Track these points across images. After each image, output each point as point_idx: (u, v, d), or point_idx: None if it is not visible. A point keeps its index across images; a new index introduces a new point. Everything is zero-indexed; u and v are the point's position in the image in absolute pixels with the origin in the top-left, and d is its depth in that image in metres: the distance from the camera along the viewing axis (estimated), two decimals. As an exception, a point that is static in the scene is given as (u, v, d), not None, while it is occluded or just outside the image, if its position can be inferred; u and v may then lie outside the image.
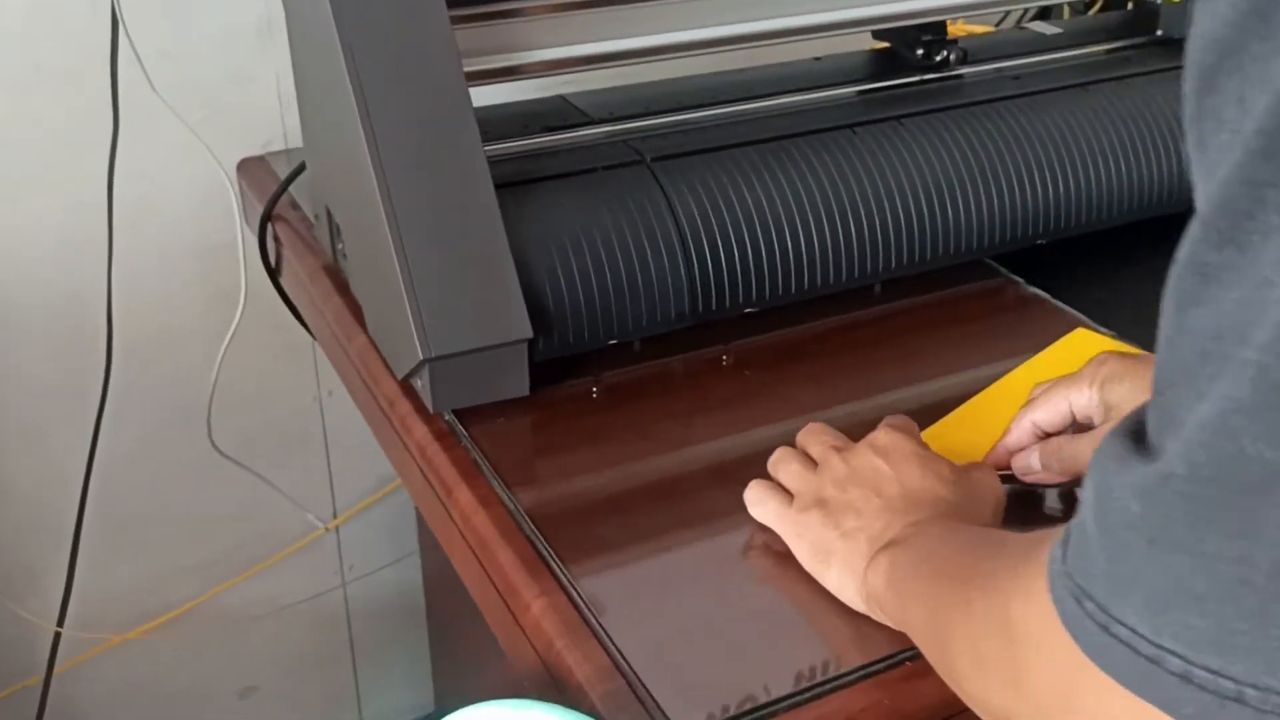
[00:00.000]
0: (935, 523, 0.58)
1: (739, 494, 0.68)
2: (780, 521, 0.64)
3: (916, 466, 0.62)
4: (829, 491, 0.63)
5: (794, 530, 0.63)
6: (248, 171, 1.13)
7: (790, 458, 0.67)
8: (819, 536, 0.61)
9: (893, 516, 0.59)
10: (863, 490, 0.62)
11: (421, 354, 0.71)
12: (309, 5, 0.76)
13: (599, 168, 0.81)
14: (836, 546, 0.60)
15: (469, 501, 0.69)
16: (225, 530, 1.29)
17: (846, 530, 0.60)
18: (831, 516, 0.61)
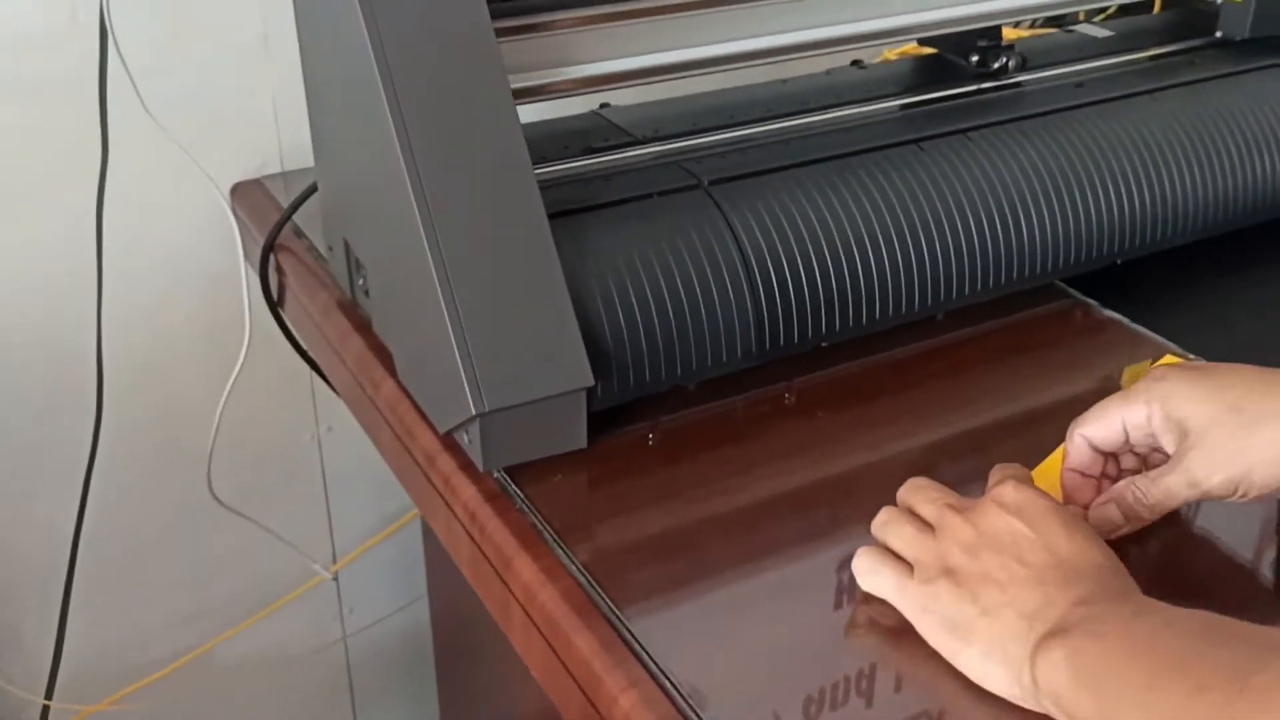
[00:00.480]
0: (1120, 602, 0.50)
1: (837, 556, 0.61)
2: (900, 595, 0.57)
3: (1060, 527, 0.55)
4: (957, 559, 0.55)
5: (918, 604, 0.56)
6: (243, 196, 1.04)
7: (901, 520, 0.59)
8: (952, 611, 0.54)
9: (1049, 591, 0.52)
10: (1000, 558, 0.54)
11: (474, 408, 0.63)
12: (332, 16, 0.68)
13: (653, 193, 0.73)
14: (978, 625, 0.53)
15: (533, 575, 0.62)
16: (222, 580, 1.20)
17: (988, 606, 0.53)
18: (965, 588, 0.54)
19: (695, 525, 0.66)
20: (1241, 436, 0.57)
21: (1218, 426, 0.57)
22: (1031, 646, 0.50)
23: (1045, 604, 0.51)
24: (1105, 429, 0.62)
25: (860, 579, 0.59)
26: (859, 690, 0.55)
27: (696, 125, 0.83)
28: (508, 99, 0.66)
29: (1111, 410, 0.61)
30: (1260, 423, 0.57)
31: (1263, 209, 0.89)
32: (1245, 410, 0.57)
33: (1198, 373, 0.60)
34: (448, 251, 0.63)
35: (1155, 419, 0.60)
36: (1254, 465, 0.57)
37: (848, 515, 0.65)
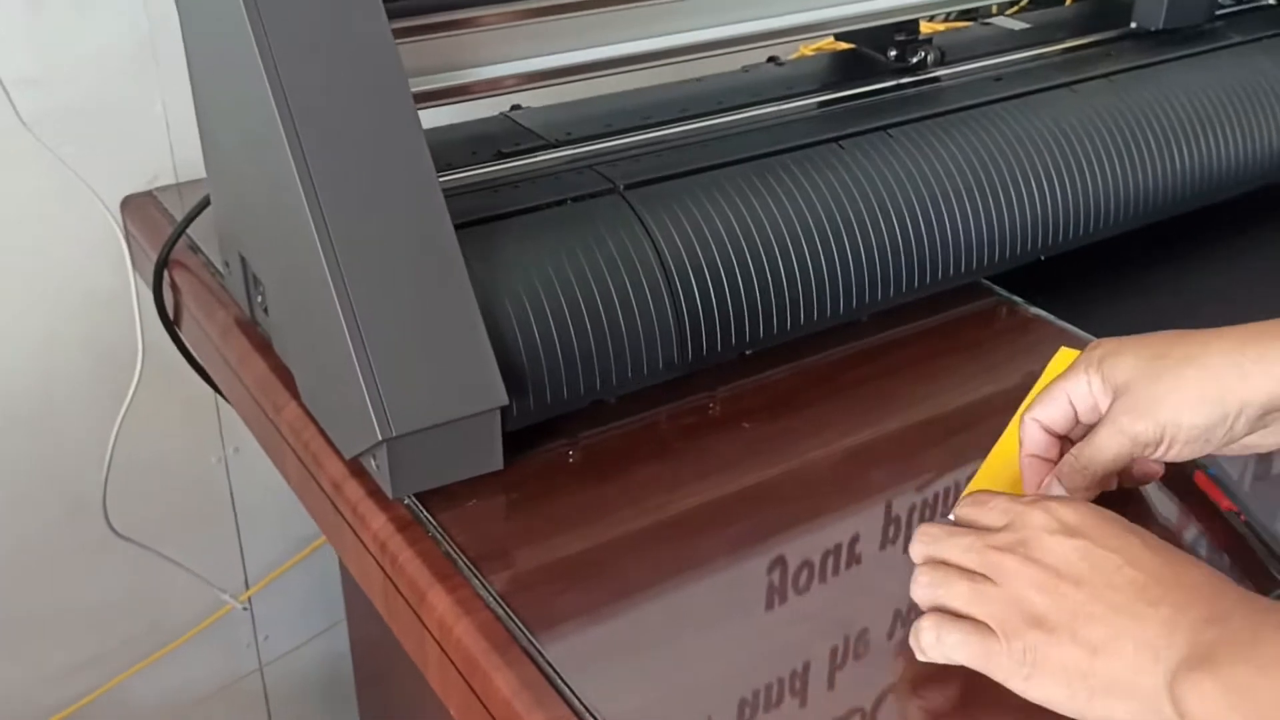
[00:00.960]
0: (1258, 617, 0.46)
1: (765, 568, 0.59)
2: (991, 660, 0.50)
3: (1133, 536, 0.50)
4: (1038, 603, 0.50)
5: (1017, 669, 0.50)
6: (135, 211, 0.99)
7: (951, 576, 0.52)
8: (1061, 662, 0.48)
9: (1161, 612, 0.47)
10: (1086, 588, 0.49)
11: (380, 433, 0.59)
12: (216, 18, 0.64)
13: (567, 199, 0.70)
14: (1096, 668, 0.48)
15: (448, 608, 0.58)
16: (125, 615, 1.14)
17: (1097, 644, 0.48)
18: (1063, 632, 0.49)
19: (618, 546, 0.62)
20: (1165, 381, 0.57)
21: (1143, 375, 0.57)
22: (1167, 678, 0.46)
23: (1165, 628, 0.47)
24: (1055, 410, 0.61)
25: (930, 652, 0.52)
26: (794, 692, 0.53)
27: (610, 127, 0.80)
28: (408, 104, 0.62)
29: (1057, 390, 0.61)
30: (1182, 365, 0.57)
31: (1181, 200, 0.89)
32: (1169, 356, 0.57)
33: (1127, 338, 0.60)
34: (347, 267, 0.59)
35: (1095, 385, 0.59)
36: (1179, 408, 0.56)
37: (774, 526, 0.63)
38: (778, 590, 0.60)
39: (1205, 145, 0.89)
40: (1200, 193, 0.90)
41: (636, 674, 0.55)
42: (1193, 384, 0.56)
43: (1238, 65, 0.94)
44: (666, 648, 0.56)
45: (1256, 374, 0.55)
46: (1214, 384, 0.56)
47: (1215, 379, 0.56)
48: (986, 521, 0.54)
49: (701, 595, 0.60)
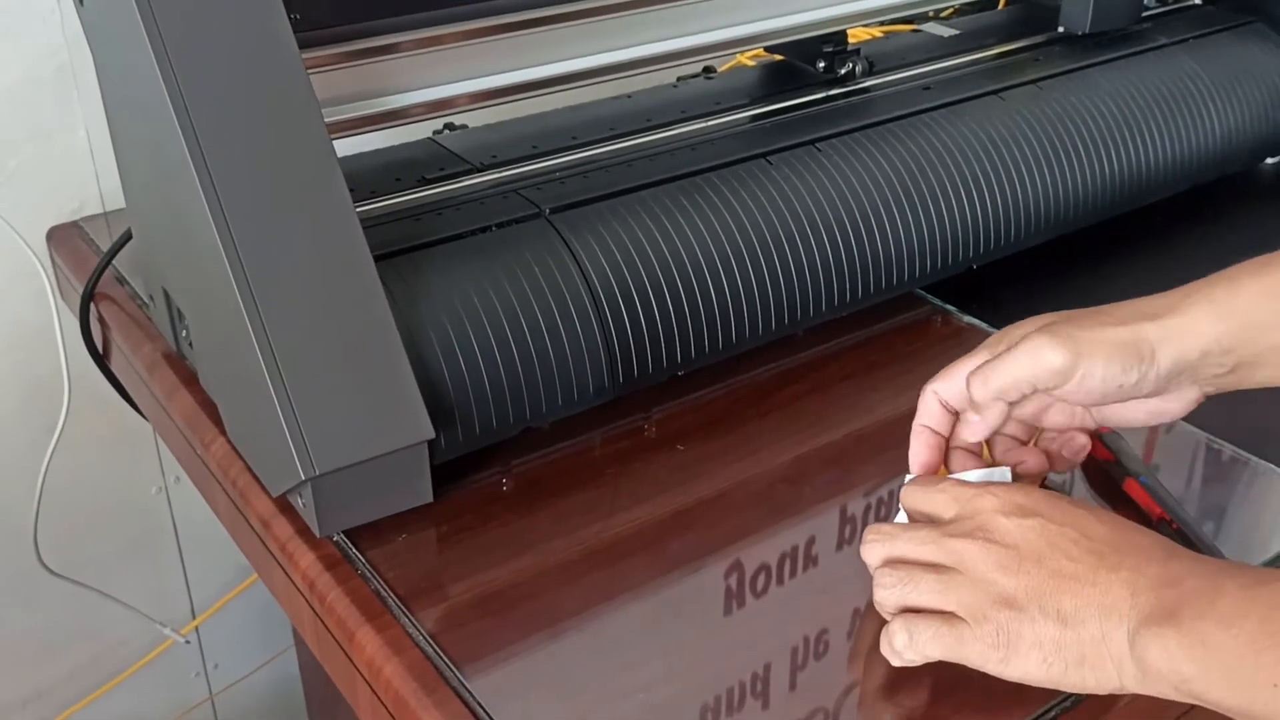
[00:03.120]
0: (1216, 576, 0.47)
1: (699, 591, 0.59)
2: (965, 647, 0.51)
3: (1081, 509, 0.52)
4: (1004, 584, 0.51)
5: (993, 652, 0.50)
6: (61, 242, 0.97)
7: (914, 573, 0.53)
8: (1035, 637, 0.49)
9: (1121, 575, 0.49)
10: (1047, 563, 0.50)
11: (303, 472, 0.58)
12: (124, 50, 0.63)
13: (491, 225, 0.69)
14: (1066, 639, 0.49)
15: (377, 649, 0.57)
16: (62, 653, 1.12)
17: (1065, 614, 0.49)
18: (1031, 608, 0.50)
19: (550, 576, 0.62)
20: (1082, 321, 0.57)
21: (1049, 326, 0.58)
22: (1130, 637, 0.47)
23: (1126, 590, 0.48)
24: (954, 385, 0.60)
25: (905, 654, 0.52)
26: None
27: (537, 148, 0.79)
28: (322, 136, 0.61)
29: (959, 366, 0.61)
30: (1091, 316, 0.57)
31: (1111, 204, 0.89)
32: (1073, 319, 0.58)
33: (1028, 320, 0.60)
34: (264, 304, 0.58)
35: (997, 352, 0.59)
36: (1090, 346, 0.56)
37: (705, 549, 0.63)
38: (712, 614, 0.59)
39: (1133, 149, 0.90)
40: (1129, 196, 0.90)
41: (565, 707, 0.54)
42: (1110, 328, 0.56)
43: (1163, 68, 0.95)
44: (596, 680, 0.56)
45: (1163, 330, 0.56)
46: (1124, 331, 0.56)
47: (1125, 329, 0.56)
48: (937, 512, 0.55)
49: (632, 623, 0.59)
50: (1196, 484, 0.70)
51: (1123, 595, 0.48)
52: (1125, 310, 0.58)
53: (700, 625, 0.59)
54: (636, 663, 0.57)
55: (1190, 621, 0.46)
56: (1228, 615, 0.45)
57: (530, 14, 0.75)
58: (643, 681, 0.55)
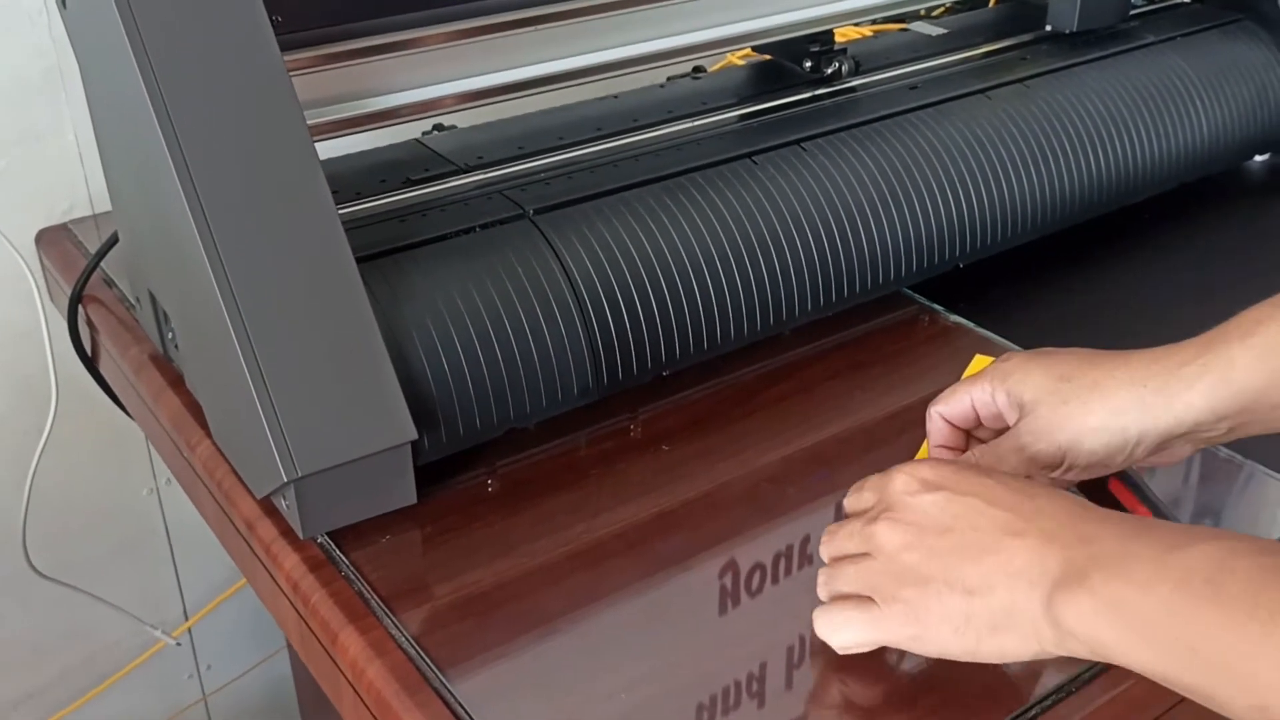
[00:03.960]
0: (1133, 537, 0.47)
1: (683, 593, 0.59)
2: (878, 628, 0.52)
3: (986, 478, 0.52)
4: (908, 561, 0.51)
5: (902, 630, 0.51)
6: (50, 244, 0.97)
7: (840, 565, 0.54)
8: (942, 611, 0.50)
9: (1027, 541, 0.48)
10: (952, 535, 0.50)
11: (285, 475, 0.58)
12: (106, 53, 0.63)
13: (475, 226, 0.69)
14: (974, 608, 0.49)
15: (360, 650, 0.57)
16: (53, 656, 1.12)
17: (971, 585, 0.49)
18: (937, 582, 0.50)
19: (534, 578, 0.62)
20: (1069, 406, 0.57)
21: (1049, 396, 0.58)
22: (1044, 601, 0.47)
23: (1034, 555, 0.48)
24: (956, 406, 0.62)
25: (830, 639, 0.54)
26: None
27: (523, 149, 0.79)
28: (304, 138, 0.61)
29: (961, 389, 0.62)
30: (1086, 392, 0.57)
31: (1097, 203, 0.89)
32: (1074, 380, 0.58)
33: (1038, 354, 0.61)
34: (246, 307, 0.58)
35: (999, 397, 0.60)
36: (1080, 434, 0.57)
37: (689, 550, 0.63)
38: (696, 615, 0.59)
39: (1119, 148, 0.90)
40: (1116, 195, 0.90)
41: (548, 708, 0.54)
42: (1095, 412, 0.57)
43: (1151, 66, 0.95)
44: (580, 681, 0.56)
45: (1157, 405, 0.56)
46: (1115, 415, 0.56)
47: (1116, 410, 0.56)
48: (864, 505, 0.56)
49: (616, 624, 0.59)
50: (1190, 487, 0.70)
51: (1030, 560, 0.48)
52: (1118, 384, 0.57)
53: (685, 626, 0.59)
54: (620, 664, 0.57)
55: (1104, 584, 0.46)
56: (1143, 578, 0.45)
57: (516, 14, 0.75)
58: (627, 682, 0.55)
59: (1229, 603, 0.42)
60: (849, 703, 0.55)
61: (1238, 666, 0.42)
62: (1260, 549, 0.44)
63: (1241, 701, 0.42)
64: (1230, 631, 0.42)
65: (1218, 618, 0.42)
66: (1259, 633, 0.41)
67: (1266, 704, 0.41)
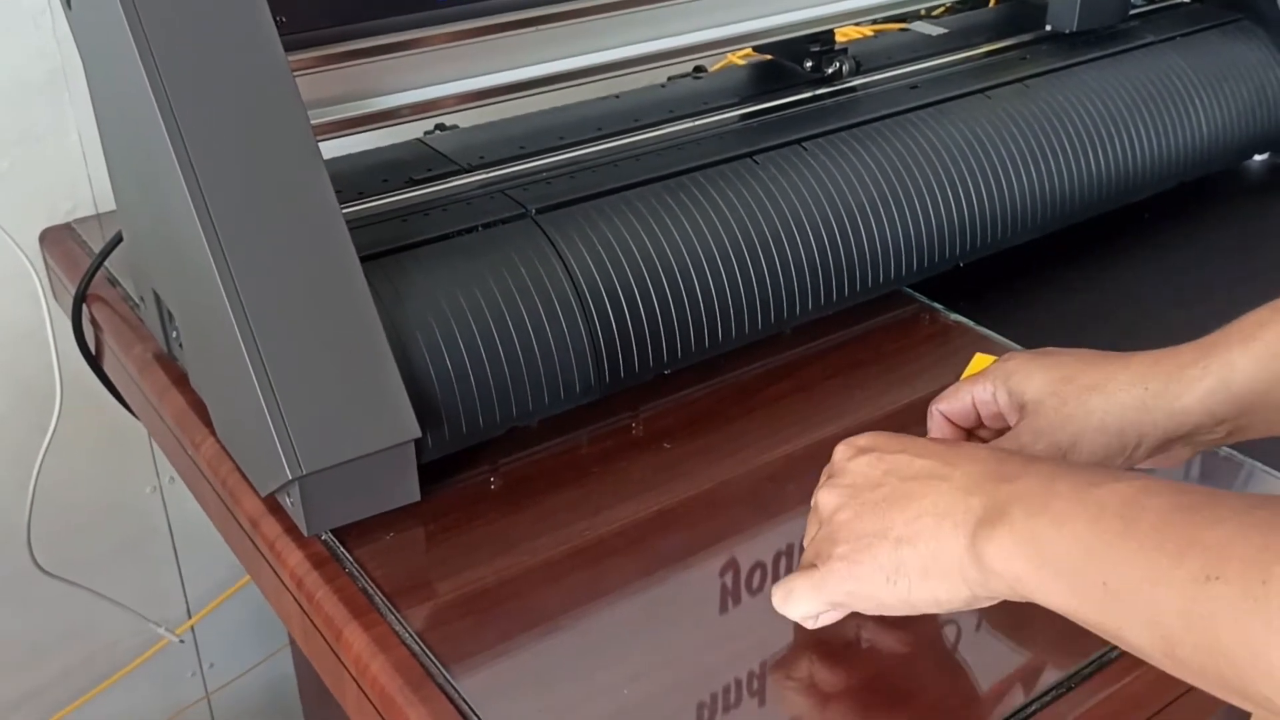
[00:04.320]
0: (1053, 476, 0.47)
1: (685, 592, 0.59)
2: (820, 590, 0.53)
3: (914, 439, 0.54)
4: (842, 519, 0.53)
5: (840, 586, 0.52)
6: (54, 243, 0.97)
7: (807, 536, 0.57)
8: (875, 562, 0.51)
9: (953, 484, 0.50)
10: (881, 490, 0.52)
11: (290, 472, 0.59)
12: (111, 53, 0.63)
13: (478, 226, 0.69)
14: (904, 556, 0.50)
15: (364, 646, 0.58)
16: (57, 653, 1.12)
17: (901, 534, 0.50)
18: (866, 536, 0.52)
19: (535, 575, 0.62)
20: (1069, 407, 0.58)
21: (1050, 397, 0.59)
22: (967, 540, 0.48)
23: (958, 494, 0.49)
24: (957, 404, 0.63)
25: (786, 612, 0.55)
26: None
27: (525, 149, 0.80)
28: (308, 137, 0.61)
29: (963, 388, 0.63)
30: (1086, 393, 0.58)
31: (1097, 202, 0.90)
32: (1075, 381, 0.58)
33: (1040, 354, 0.61)
34: (250, 305, 0.59)
35: (1000, 396, 0.61)
36: (1079, 434, 0.57)
37: (690, 548, 0.63)
38: (697, 612, 0.60)
39: (1119, 147, 0.90)
40: (1115, 194, 0.91)
41: (551, 704, 0.55)
42: (1095, 414, 0.57)
43: (1150, 65, 0.95)
44: (581, 677, 0.56)
45: (1157, 408, 0.57)
46: (1115, 416, 0.57)
47: (1116, 412, 0.57)
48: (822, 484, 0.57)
49: (618, 621, 0.60)
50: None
51: (954, 500, 0.49)
52: (1118, 386, 0.58)
53: (685, 623, 0.59)
54: (622, 659, 0.57)
55: (1024, 520, 0.47)
56: (1060, 514, 0.46)
57: (518, 14, 0.76)
58: (628, 677, 0.56)
59: (1139, 537, 0.43)
60: (847, 699, 0.55)
61: (1144, 599, 0.42)
62: (1175, 489, 0.44)
63: (1146, 637, 0.42)
64: (1138, 565, 0.42)
65: (1127, 552, 0.43)
66: (1166, 565, 0.41)
67: (1170, 636, 0.41)
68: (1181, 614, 0.40)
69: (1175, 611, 0.41)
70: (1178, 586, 0.41)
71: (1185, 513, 0.42)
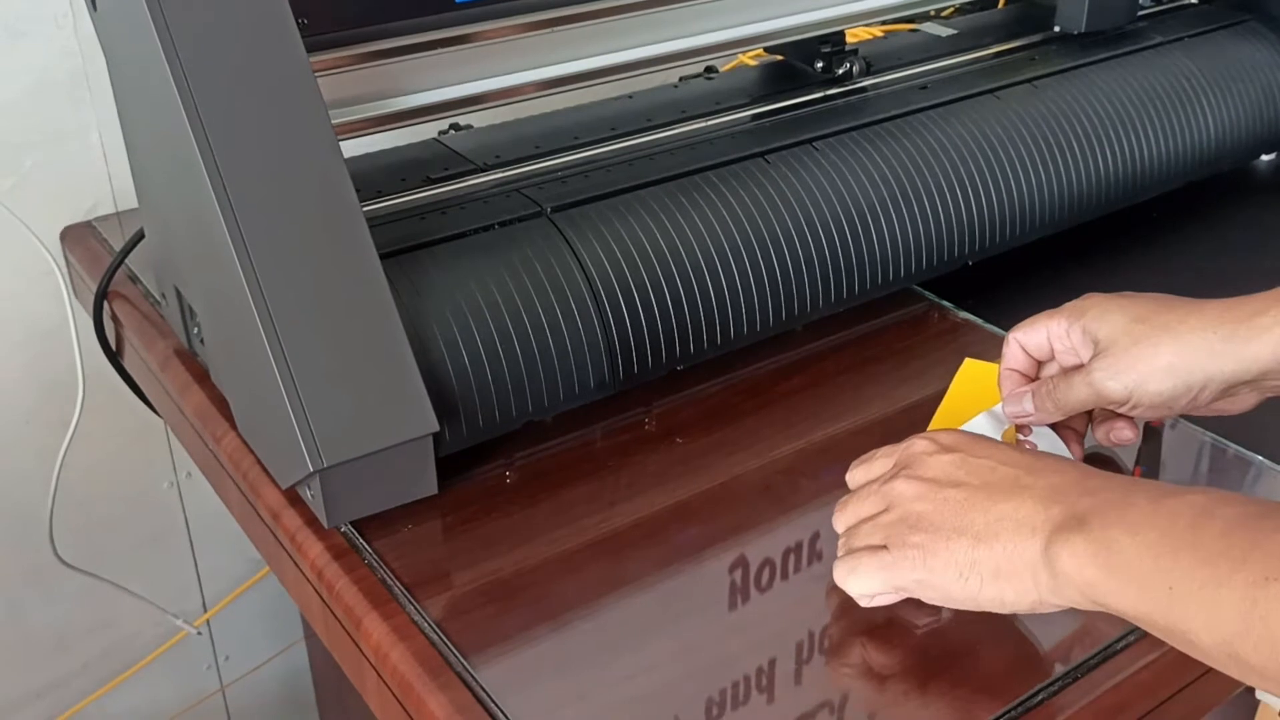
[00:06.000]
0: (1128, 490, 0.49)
1: (700, 584, 0.60)
2: (889, 573, 0.55)
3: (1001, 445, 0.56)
4: (923, 510, 0.54)
5: (910, 574, 0.54)
6: (75, 241, 0.99)
7: (858, 528, 0.58)
8: (951, 555, 0.53)
9: (1037, 492, 0.52)
10: (966, 488, 0.54)
11: (311, 465, 0.60)
12: (137, 54, 0.64)
13: (494, 224, 0.71)
14: (979, 554, 0.52)
15: (383, 635, 0.59)
16: (78, 645, 1.14)
17: (979, 531, 0.52)
18: (945, 529, 0.53)
19: (552, 566, 0.63)
20: (1140, 347, 0.60)
21: (1122, 336, 0.61)
22: (1043, 546, 0.50)
23: (1039, 504, 0.51)
24: (1034, 335, 0.65)
25: (848, 586, 0.56)
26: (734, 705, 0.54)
27: (540, 148, 0.81)
28: (330, 137, 0.63)
29: (1040, 320, 0.65)
30: (1158, 333, 0.60)
31: (1105, 202, 0.91)
32: (1148, 321, 0.60)
33: (1117, 296, 0.63)
34: (273, 301, 0.60)
35: (1074, 333, 0.63)
36: (1147, 375, 0.60)
37: (705, 540, 0.64)
38: (712, 604, 0.61)
39: (1127, 147, 0.91)
40: (1123, 194, 0.91)
41: (569, 693, 0.56)
42: (1164, 355, 0.59)
43: (1158, 66, 0.96)
44: (598, 666, 0.57)
45: (1224, 353, 0.59)
46: (1183, 358, 0.59)
47: (1185, 353, 0.59)
48: (877, 473, 0.59)
49: (634, 612, 0.61)
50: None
51: (1036, 508, 0.51)
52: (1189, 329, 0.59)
53: (702, 613, 0.60)
54: (639, 648, 0.58)
55: (1100, 529, 0.48)
56: (1134, 523, 0.48)
57: (534, 16, 0.77)
58: (643, 666, 0.57)
59: (1205, 545, 0.45)
60: (865, 684, 0.56)
61: (1207, 600, 0.44)
62: (1244, 500, 0.46)
63: (1208, 639, 0.44)
64: (1202, 569, 0.44)
65: (1193, 558, 0.45)
66: (1228, 569, 0.43)
67: (1231, 636, 0.43)
68: (1242, 615, 0.42)
69: (1236, 613, 0.43)
70: (1239, 589, 0.43)
71: (1252, 520, 0.45)
